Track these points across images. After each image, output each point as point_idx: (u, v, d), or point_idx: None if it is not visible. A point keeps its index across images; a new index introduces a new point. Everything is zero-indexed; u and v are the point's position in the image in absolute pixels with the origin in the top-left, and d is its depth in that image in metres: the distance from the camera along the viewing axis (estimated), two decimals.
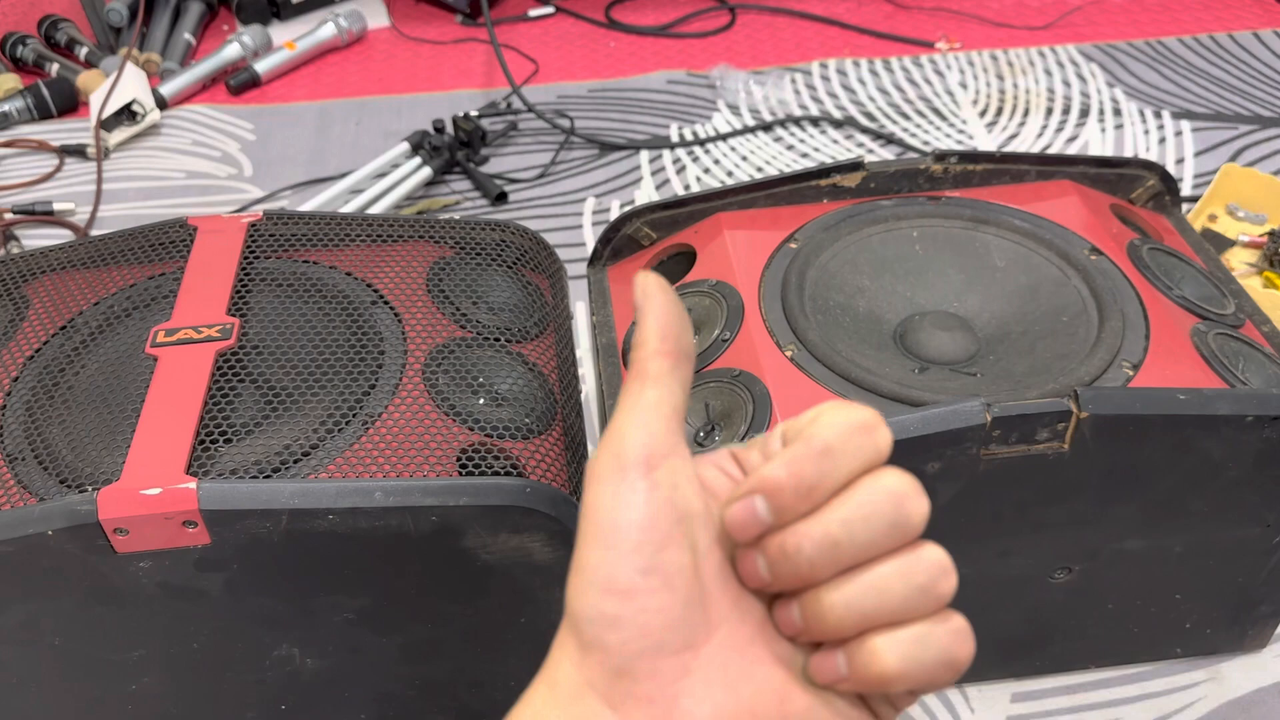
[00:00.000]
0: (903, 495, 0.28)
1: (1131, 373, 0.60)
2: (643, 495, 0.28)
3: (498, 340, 0.65)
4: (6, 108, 1.26)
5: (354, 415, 0.57)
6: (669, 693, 0.28)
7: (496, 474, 0.56)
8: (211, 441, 0.54)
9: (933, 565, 0.28)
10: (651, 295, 0.30)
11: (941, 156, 0.73)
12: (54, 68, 1.35)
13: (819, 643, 0.29)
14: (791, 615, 0.29)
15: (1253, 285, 0.97)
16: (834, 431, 0.28)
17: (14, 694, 0.57)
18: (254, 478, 0.53)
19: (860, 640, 0.28)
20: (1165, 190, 0.76)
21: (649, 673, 0.28)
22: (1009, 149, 1.21)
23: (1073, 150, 1.21)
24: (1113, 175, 0.76)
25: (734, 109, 1.31)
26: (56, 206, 1.11)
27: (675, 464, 0.29)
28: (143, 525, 0.50)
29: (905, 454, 0.52)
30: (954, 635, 0.28)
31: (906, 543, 0.28)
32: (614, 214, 1.12)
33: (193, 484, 0.50)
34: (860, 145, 1.23)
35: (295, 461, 0.54)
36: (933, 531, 0.28)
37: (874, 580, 0.27)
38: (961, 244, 0.70)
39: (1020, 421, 0.53)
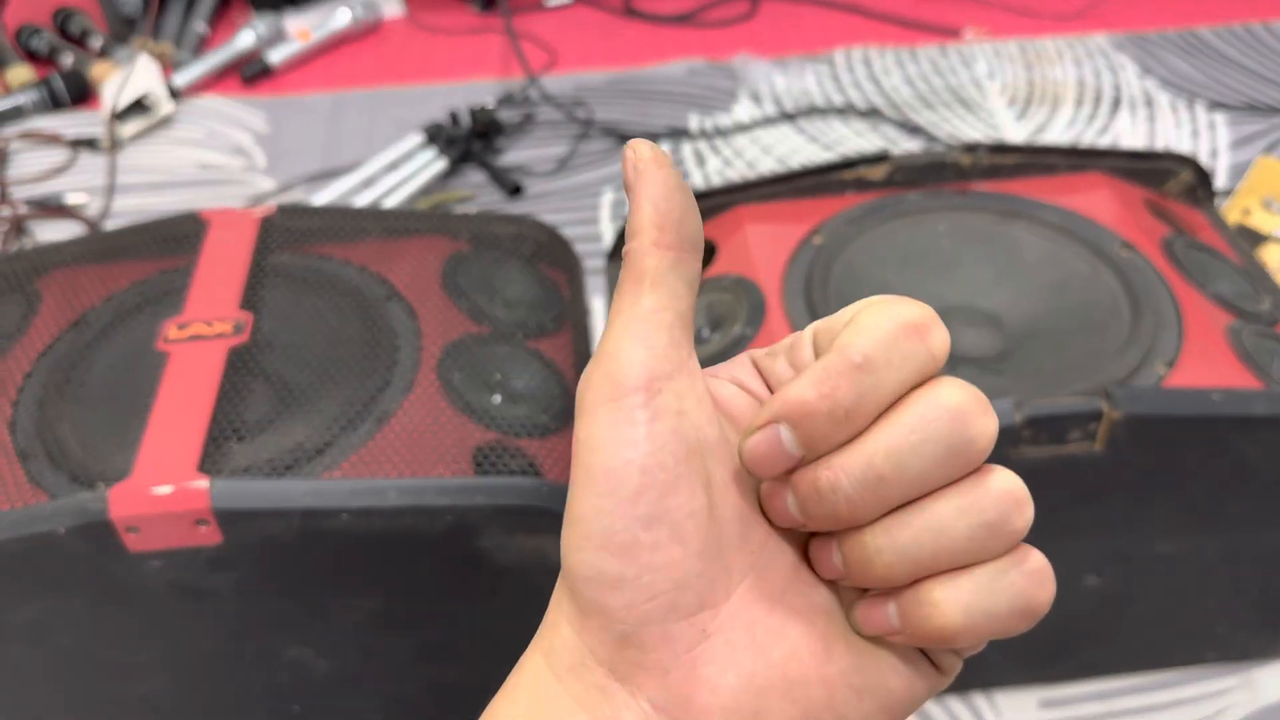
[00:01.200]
0: (963, 412, 0.22)
1: (1165, 371, 0.58)
2: (644, 428, 0.23)
3: (514, 336, 0.63)
4: (20, 100, 1.25)
5: (368, 412, 0.56)
6: (685, 660, 0.23)
7: (513, 473, 0.54)
8: (224, 439, 0.53)
9: (1003, 497, 0.23)
10: (645, 171, 0.24)
11: (970, 148, 0.71)
12: (68, 59, 1.35)
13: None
14: (832, 558, 0.24)
15: None
16: (875, 336, 0.22)
17: (24, 692, 0.56)
18: (266, 476, 0.52)
19: (915, 589, 0.23)
20: (1199, 184, 0.74)
21: (660, 639, 0.23)
22: (1038, 141, 1.19)
23: (1103, 142, 1.19)
24: (1145, 168, 0.74)
25: (755, 99, 1.29)
26: (69, 199, 1.10)
27: (681, 385, 0.24)
28: (154, 524, 0.49)
29: None
30: (1029, 578, 0.23)
31: (970, 471, 0.23)
32: None
33: (205, 482, 0.49)
34: (885, 137, 1.21)
35: (308, 459, 0.53)
36: None
37: (930, 521, 0.22)
38: (990, 238, 0.68)
39: (1051, 421, 0.52)
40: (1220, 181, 1.12)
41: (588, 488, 0.23)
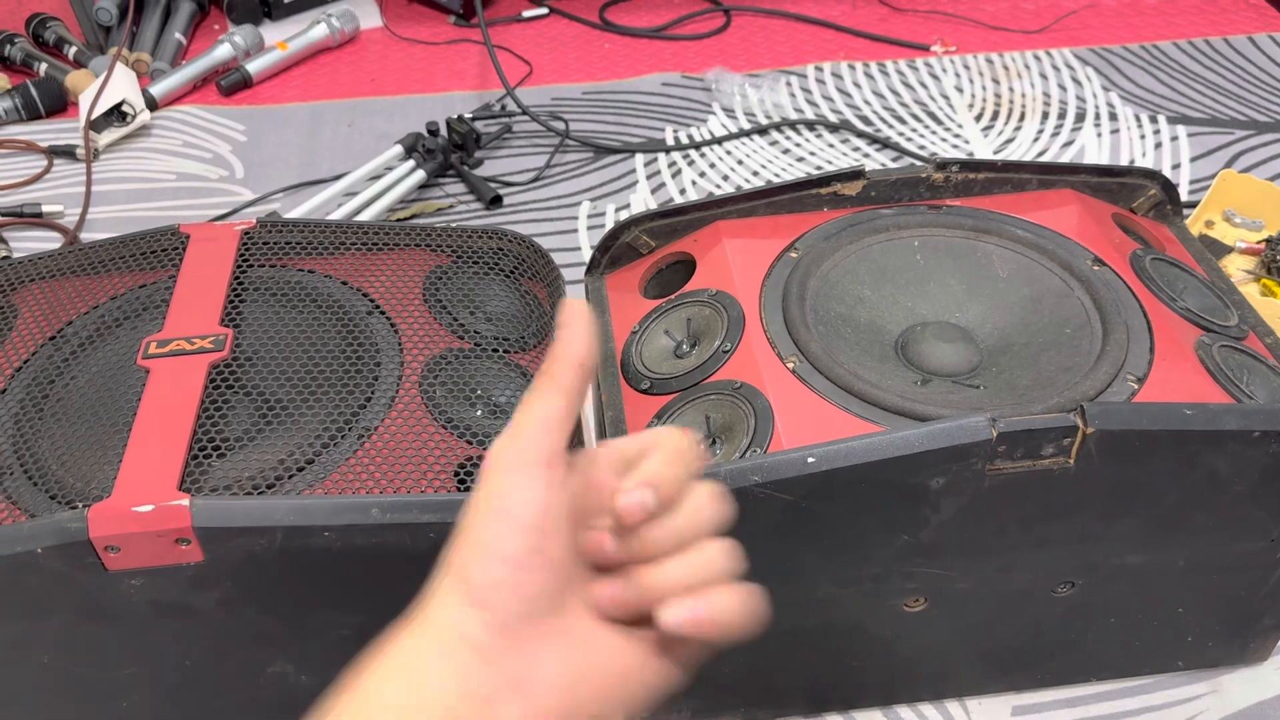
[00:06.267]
0: (720, 497, 0.37)
1: (1136, 386, 0.59)
2: (541, 489, 0.34)
3: (495, 350, 0.64)
4: None
5: (350, 428, 0.56)
6: (534, 648, 0.34)
7: None
8: (205, 456, 0.53)
9: (725, 549, 0.37)
10: (575, 318, 0.38)
11: (943, 165, 0.72)
12: (42, 67, 1.34)
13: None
14: (614, 589, 0.36)
15: (1250, 292, 0.97)
16: (681, 445, 0.38)
17: (3, 713, 0.56)
18: (248, 494, 0.52)
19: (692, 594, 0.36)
20: (1166, 199, 0.76)
21: (521, 630, 0.33)
22: (1005, 153, 1.21)
23: (1068, 155, 1.21)
24: (1114, 184, 0.75)
25: (729, 112, 1.30)
26: (45, 208, 1.10)
27: (561, 466, 0.35)
28: (134, 543, 0.49)
29: (910, 469, 0.52)
30: (742, 593, 0.36)
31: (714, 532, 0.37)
32: (609, 218, 1.11)
33: (185, 500, 0.49)
34: (856, 149, 1.23)
35: (290, 476, 0.54)
36: (938, 546, 0.29)
37: (700, 560, 0.36)
38: (963, 254, 0.69)
39: (1026, 437, 0.52)
40: (1183, 194, 1.14)
41: (495, 518, 0.34)
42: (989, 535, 0.57)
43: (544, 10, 1.54)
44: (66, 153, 1.20)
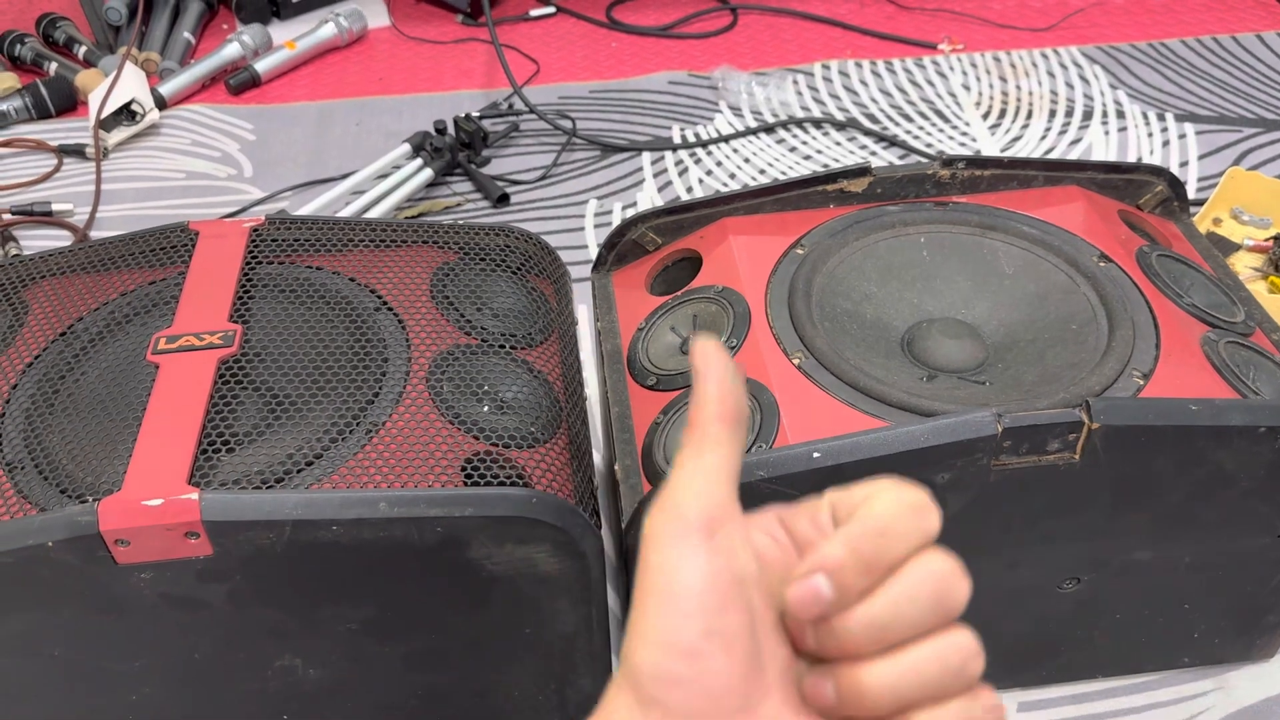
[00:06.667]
0: (948, 578, 0.29)
1: (1142, 382, 0.59)
2: (704, 559, 0.29)
3: (502, 347, 0.64)
4: (4, 107, 1.25)
5: (357, 424, 0.57)
6: None
7: (502, 484, 0.55)
8: (214, 451, 0.53)
9: (964, 648, 0.29)
10: (711, 360, 0.31)
11: (949, 162, 0.72)
12: (52, 67, 1.34)
13: None
14: (825, 690, 0.29)
15: (1258, 289, 0.97)
16: (890, 512, 0.29)
17: (14, 705, 0.56)
18: (257, 488, 0.52)
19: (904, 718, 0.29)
20: (1173, 196, 0.76)
21: None
22: (1012, 152, 1.21)
23: (1076, 153, 1.21)
24: (1121, 181, 0.75)
25: (736, 110, 1.30)
26: (55, 207, 1.10)
27: (732, 528, 0.30)
28: (144, 536, 0.49)
29: (915, 465, 0.52)
30: (990, 713, 0.29)
31: (947, 622, 0.29)
32: (616, 216, 1.11)
33: (195, 495, 0.49)
34: (863, 147, 1.23)
35: (298, 471, 0.54)
36: (942, 542, 0.29)
37: (912, 663, 0.29)
38: (969, 250, 0.69)
39: (1031, 432, 0.53)
40: (1191, 191, 1.14)
41: (657, 602, 0.29)
42: (995, 531, 0.57)
43: (551, 9, 1.55)
44: (76, 151, 1.20)
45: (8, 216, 1.09)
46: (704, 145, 1.23)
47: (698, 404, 0.31)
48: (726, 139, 1.24)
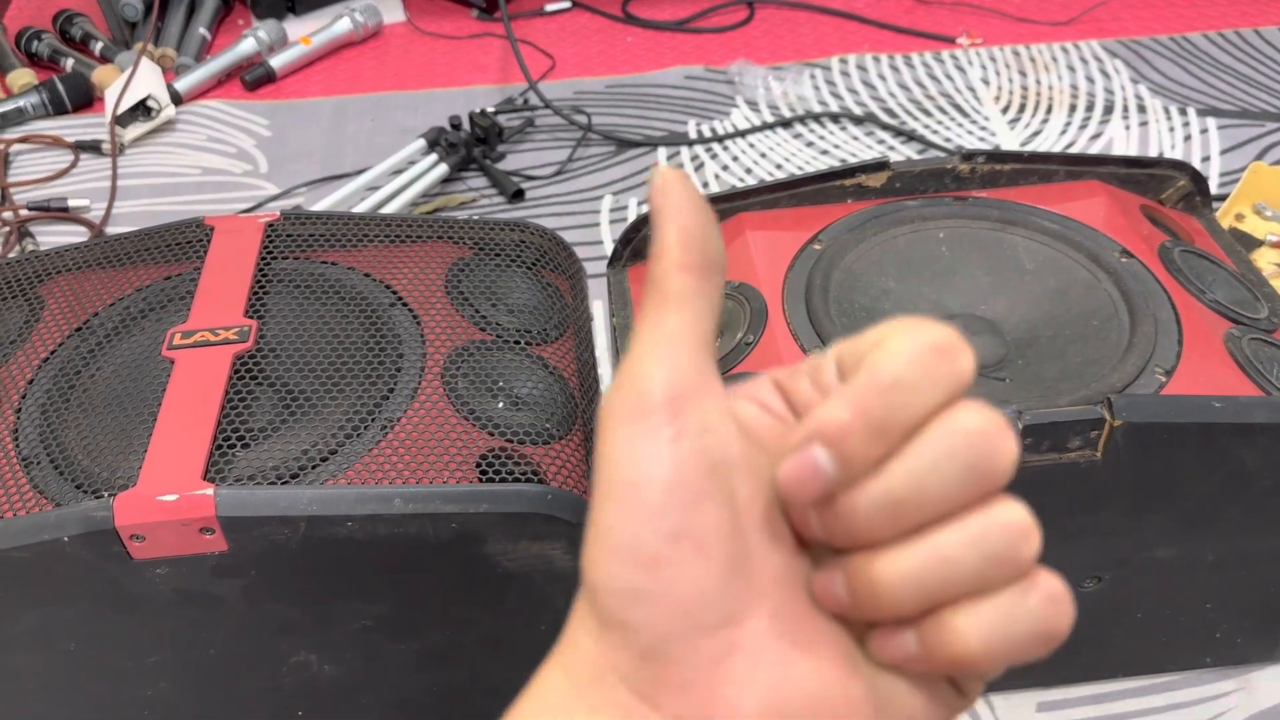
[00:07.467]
0: (984, 436, 0.22)
1: (1164, 379, 0.58)
2: (668, 444, 0.23)
3: (517, 343, 0.64)
4: (22, 103, 1.25)
5: (373, 419, 0.56)
6: (707, 677, 0.23)
7: (517, 480, 0.55)
8: (229, 446, 0.53)
9: (1009, 528, 0.23)
10: (671, 192, 0.25)
11: (968, 156, 0.72)
12: (69, 63, 1.35)
13: None
14: (834, 587, 0.24)
15: None
16: (905, 358, 0.22)
17: (28, 699, 0.56)
18: (272, 484, 0.52)
19: (934, 617, 0.23)
20: (1196, 191, 0.75)
21: (683, 655, 0.23)
22: (1032, 147, 1.20)
23: (1097, 148, 1.20)
24: (1142, 175, 0.74)
25: (752, 105, 1.29)
26: (71, 203, 1.11)
27: (706, 403, 0.24)
28: (159, 532, 0.49)
29: None
30: (1048, 604, 0.23)
31: (987, 496, 0.23)
32: (631, 212, 1.11)
33: (210, 490, 0.49)
34: (881, 142, 1.22)
35: (313, 467, 0.54)
36: None
37: (937, 550, 0.22)
38: (989, 245, 0.69)
39: (1052, 429, 0.52)
40: (1213, 187, 1.13)
41: (612, 502, 0.23)
42: None
43: (566, 4, 1.54)
44: (92, 148, 1.21)
45: (24, 212, 1.10)
46: (720, 140, 1.23)
47: (656, 253, 0.25)
48: (743, 134, 1.24)
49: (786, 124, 1.25)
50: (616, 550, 0.23)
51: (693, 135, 1.24)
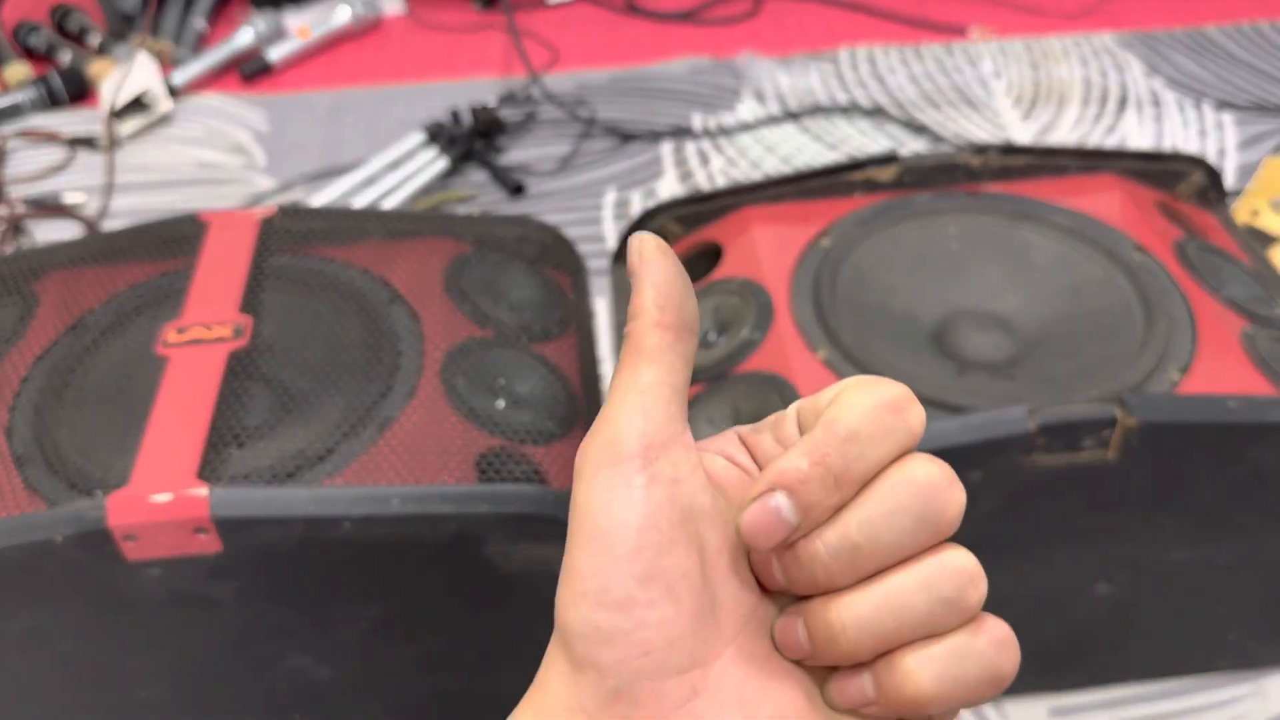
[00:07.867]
0: (934, 487, 0.24)
1: (1179, 377, 0.57)
2: (640, 491, 0.24)
3: (518, 340, 0.63)
4: (19, 98, 1.24)
5: (370, 418, 0.55)
6: (675, 718, 0.24)
7: (517, 480, 0.54)
8: (224, 445, 0.52)
9: (958, 572, 0.24)
10: (649, 258, 0.26)
11: (980, 150, 0.70)
12: (66, 56, 1.34)
13: None
14: (794, 633, 0.25)
15: None
16: (860, 412, 0.24)
17: (22, 701, 0.56)
18: (267, 483, 0.51)
19: (889, 659, 0.24)
20: (1211, 186, 0.74)
21: (651, 695, 0.24)
22: (1044, 140, 1.18)
23: (1110, 142, 1.18)
24: (1157, 170, 0.73)
25: (759, 98, 1.28)
26: (68, 198, 1.10)
27: (677, 454, 0.25)
28: (153, 532, 0.48)
29: (945, 462, 0.50)
30: (996, 647, 0.25)
31: (938, 541, 0.24)
32: (635, 207, 1.10)
33: (204, 490, 0.48)
34: (890, 136, 1.20)
35: (309, 466, 0.53)
36: (973, 542, 0.26)
37: (890, 593, 0.24)
38: (1001, 241, 0.67)
39: (1065, 429, 0.51)
40: (1228, 182, 1.11)
41: (585, 546, 0.24)
42: (1027, 530, 0.55)
43: None
44: (88, 142, 1.20)
45: (20, 208, 1.09)
46: (726, 133, 1.21)
47: (634, 312, 0.26)
48: (749, 127, 1.22)
49: (794, 117, 1.24)
50: (588, 593, 0.24)
51: (698, 129, 1.22)
